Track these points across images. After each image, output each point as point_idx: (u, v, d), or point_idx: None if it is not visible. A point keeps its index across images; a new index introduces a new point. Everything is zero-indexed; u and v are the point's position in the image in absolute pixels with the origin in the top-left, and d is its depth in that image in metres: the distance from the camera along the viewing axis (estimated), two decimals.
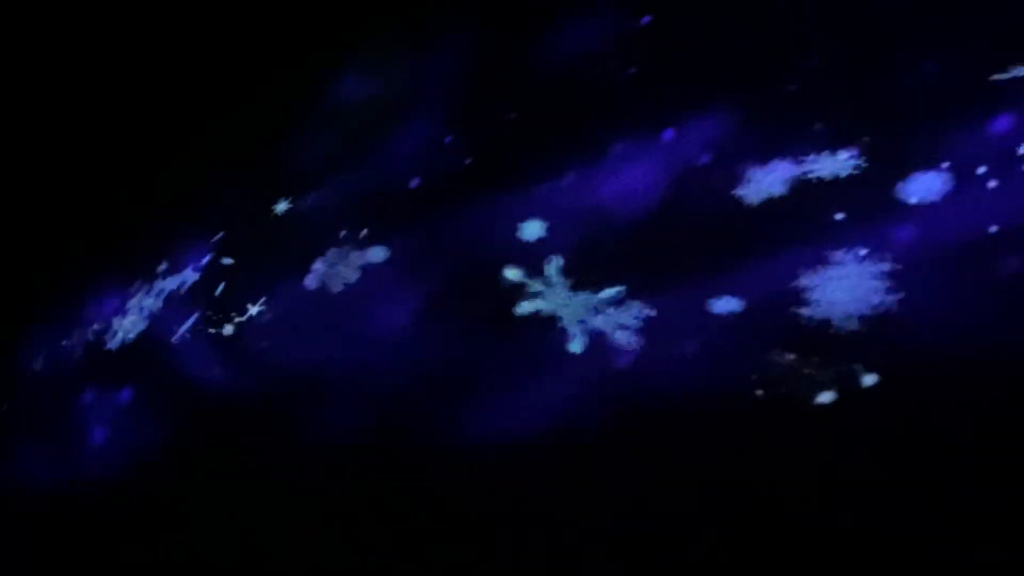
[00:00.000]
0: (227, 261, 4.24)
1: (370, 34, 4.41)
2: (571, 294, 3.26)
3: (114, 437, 4.22)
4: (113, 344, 4.39)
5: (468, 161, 3.63)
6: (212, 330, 4.12)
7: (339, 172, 4.09)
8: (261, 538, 3.72)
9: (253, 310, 4.00)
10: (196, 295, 4.26)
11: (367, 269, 3.75)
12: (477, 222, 3.53)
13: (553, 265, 3.30)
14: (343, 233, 3.88)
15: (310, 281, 3.88)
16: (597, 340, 3.06)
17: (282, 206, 4.20)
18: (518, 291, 3.29)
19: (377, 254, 3.76)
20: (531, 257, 3.34)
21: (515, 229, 3.38)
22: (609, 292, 3.20)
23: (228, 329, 4.06)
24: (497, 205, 3.43)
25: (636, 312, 3.07)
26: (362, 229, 3.84)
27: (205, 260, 4.32)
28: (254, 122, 4.54)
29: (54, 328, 4.52)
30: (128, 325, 4.41)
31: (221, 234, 4.33)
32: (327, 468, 3.52)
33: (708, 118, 3.10)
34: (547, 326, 3.31)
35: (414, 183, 3.79)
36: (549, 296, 3.30)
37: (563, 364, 3.26)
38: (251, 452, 3.82)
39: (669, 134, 3.07)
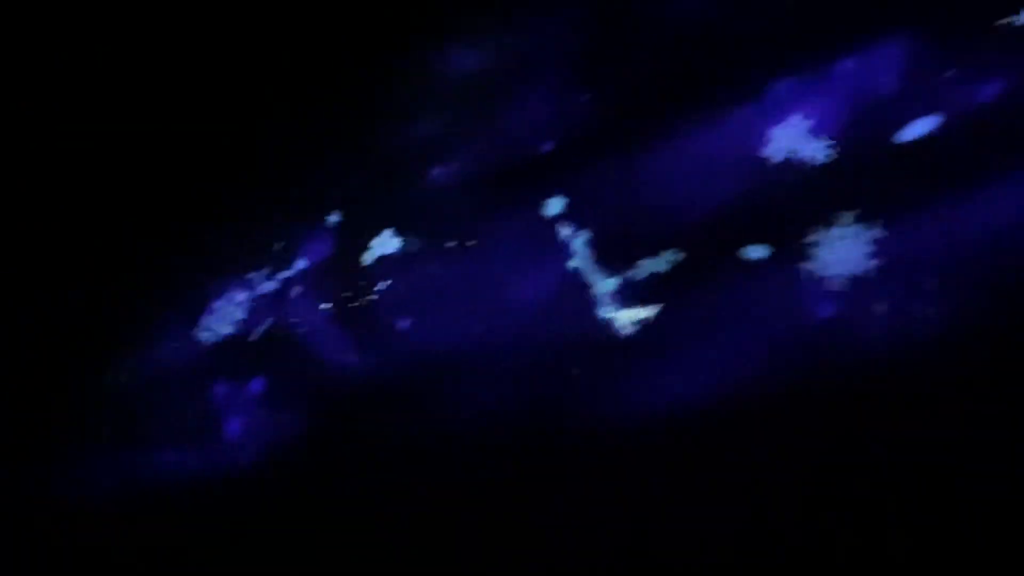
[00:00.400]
0: (350, 242, 4.12)
1: None
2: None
3: (249, 428, 4.15)
4: (240, 334, 4.32)
5: (607, 118, 3.40)
6: (343, 313, 4.01)
7: (461, 145, 3.90)
8: (408, 522, 3.61)
9: (384, 290, 3.87)
10: (321, 278, 4.16)
11: (503, 240, 3.58)
12: (623, 182, 3.31)
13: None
14: (473, 206, 3.71)
15: (442, 257, 3.73)
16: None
17: (402, 186, 4.05)
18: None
19: (512, 224, 3.58)
20: (685, 217, 3.12)
21: (666, 187, 3.16)
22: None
23: (359, 311, 3.95)
24: (646, 162, 3.21)
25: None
26: (492, 200, 3.66)
27: (326, 243, 4.21)
28: (363, 104, 4.37)
29: (178, 322, 4.48)
30: (250, 314, 4.34)
31: (341, 217, 4.20)
32: (476, 449, 3.38)
33: (880, 48, 2.81)
34: (699, 290, 3.11)
35: (546, 147, 3.58)
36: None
37: (722, 330, 3.05)
38: (392, 435, 3.71)
39: (842, 66, 2.80)
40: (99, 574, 4.15)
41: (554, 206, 3.48)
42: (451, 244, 3.74)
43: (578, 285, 3.33)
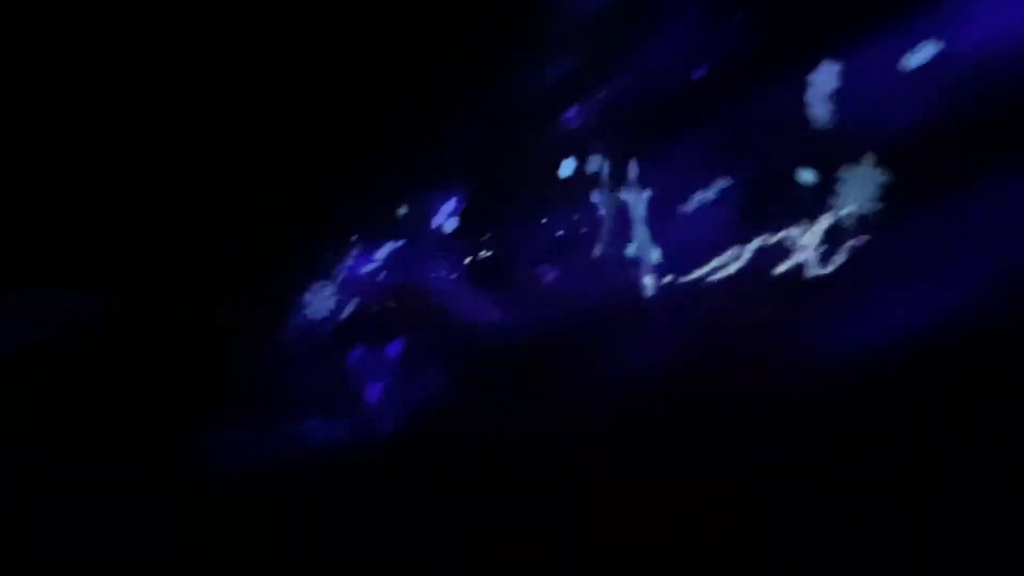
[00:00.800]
0: (483, 197, 3.95)
1: None
2: None
3: (390, 392, 4.05)
4: (374, 298, 4.21)
5: (767, 38, 3.10)
6: (480, 270, 3.85)
7: (600, 82, 3.65)
8: (575, 485, 3.41)
9: (527, 242, 3.69)
10: (455, 235, 4.00)
11: (660, 178, 3.33)
12: (784, 107, 3.02)
13: None
14: (618, 145, 3.48)
15: (593, 203, 3.52)
16: None
17: (535, 132, 3.83)
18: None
19: (667, 161, 3.33)
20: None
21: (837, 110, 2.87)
22: None
23: (499, 267, 3.79)
24: (812, 83, 2.91)
25: None
26: (641, 136, 3.41)
27: (459, 200, 4.05)
28: (487, 51, 4.14)
29: (312, 289, 4.40)
30: (384, 276, 4.22)
31: (471, 172, 4.02)
32: (646, 406, 3.15)
33: None
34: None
35: (698, 73, 3.31)
36: None
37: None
38: (546, 394, 3.52)
39: None
40: (246, 542, 4.13)
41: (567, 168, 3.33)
42: (603, 189, 3.51)
43: (747, 223, 3.07)
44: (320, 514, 4.01)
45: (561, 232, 3.66)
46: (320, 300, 4.28)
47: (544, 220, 3.75)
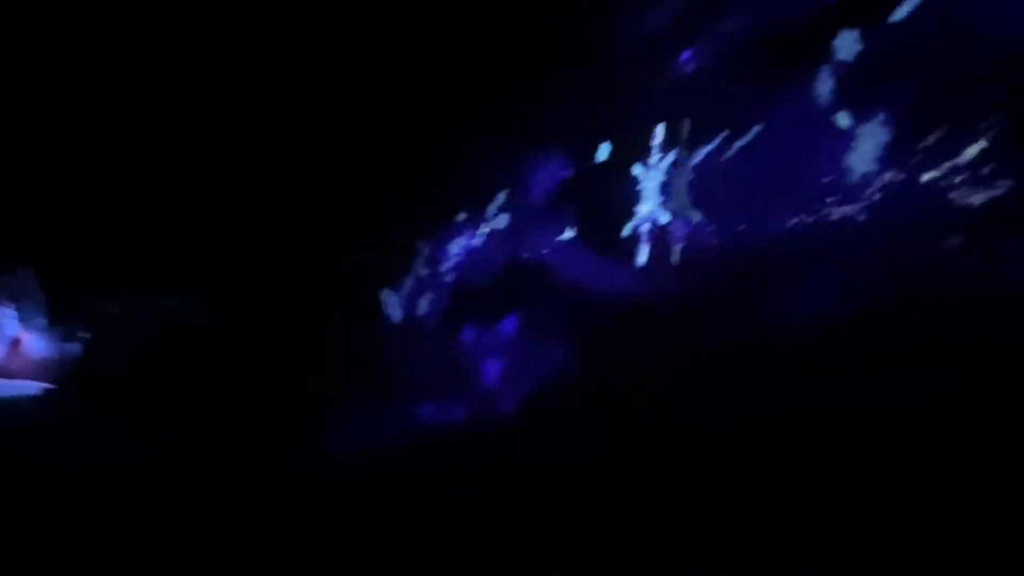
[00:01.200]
0: (592, 155, 3.69)
1: None
2: None
3: (509, 369, 3.85)
4: (484, 276, 4.01)
5: None
6: (595, 234, 3.62)
7: (714, 18, 3.36)
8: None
9: (648, 193, 3.44)
10: (563, 201, 3.77)
11: (789, 118, 3.05)
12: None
13: None
14: (745, 84, 3.20)
15: (718, 149, 3.26)
16: None
17: (643, 81, 3.56)
18: None
19: (797, 98, 3.05)
20: None
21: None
22: None
23: (616, 227, 3.55)
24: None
25: None
26: (769, 72, 3.13)
27: (561, 164, 3.80)
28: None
29: (413, 274, 4.22)
30: (492, 251, 4.02)
31: (579, 134, 3.77)
32: (808, 361, 2.87)
33: None
34: None
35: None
36: None
37: None
38: (691, 355, 3.26)
39: None
40: (365, 525, 3.99)
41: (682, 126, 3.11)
42: (725, 134, 3.24)
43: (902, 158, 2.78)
44: (448, 496, 3.85)
45: (689, 182, 3.40)
46: (426, 284, 4.10)
47: (668, 170, 3.48)
